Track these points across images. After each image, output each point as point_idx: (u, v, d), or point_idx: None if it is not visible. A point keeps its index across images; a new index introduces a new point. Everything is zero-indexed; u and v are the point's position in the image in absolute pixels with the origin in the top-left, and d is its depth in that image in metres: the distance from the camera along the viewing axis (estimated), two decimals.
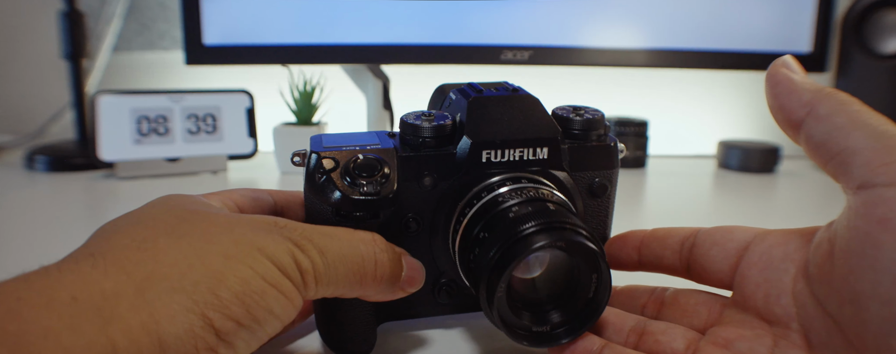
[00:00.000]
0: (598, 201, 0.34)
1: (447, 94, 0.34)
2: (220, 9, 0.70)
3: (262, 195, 0.32)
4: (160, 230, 0.23)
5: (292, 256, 0.24)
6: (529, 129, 0.31)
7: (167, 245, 0.22)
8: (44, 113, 0.96)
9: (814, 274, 0.25)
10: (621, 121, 0.84)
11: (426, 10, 0.72)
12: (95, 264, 0.21)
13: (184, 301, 0.21)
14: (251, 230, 0.24)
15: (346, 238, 0.26)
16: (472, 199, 0.30)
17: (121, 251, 0.22)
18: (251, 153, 0.77)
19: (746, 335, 0.27)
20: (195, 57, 0.71)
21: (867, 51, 0.80)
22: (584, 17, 0.74)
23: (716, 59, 0.75)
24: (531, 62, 0.74)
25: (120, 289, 0.20)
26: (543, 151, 0.31)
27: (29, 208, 0.62)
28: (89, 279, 0.20)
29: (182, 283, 0.21)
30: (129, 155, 0.71)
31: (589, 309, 0.28)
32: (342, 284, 0.26)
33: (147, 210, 0.26)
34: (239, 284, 0.22)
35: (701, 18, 0.74)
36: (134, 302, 0.20)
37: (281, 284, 0.23)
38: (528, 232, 0.26)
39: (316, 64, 0.74)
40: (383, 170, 0.29)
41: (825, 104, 0.25)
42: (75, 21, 0.79)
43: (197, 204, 0.27)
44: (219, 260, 0.22)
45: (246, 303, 0.22)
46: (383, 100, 0.82)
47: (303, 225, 0.26)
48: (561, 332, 0.28)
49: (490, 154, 0.30)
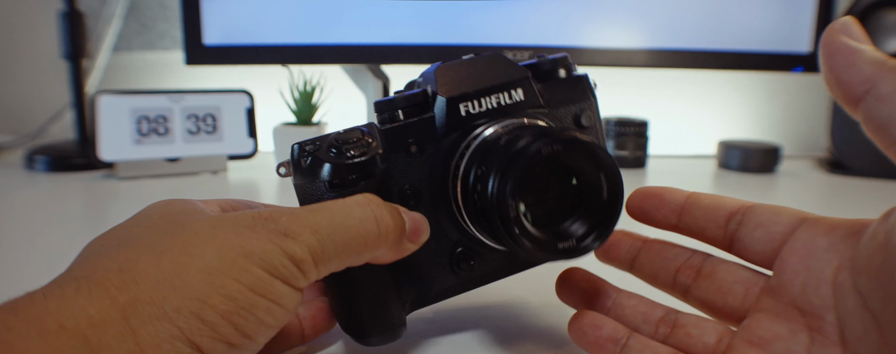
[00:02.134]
0: (586, 130, 0.34)
1: (415, 80, 0.34)
2: (220, 9, 0.70)
3: (257, 206, 0.32)
4: (142, 248, 0.22)
5: (282, 250, 0.23)
6: (499, 75, 0.31)
7: (148, 264, 0.21)
8: (44, 113, 0.96)
9: (862, 266, 0.24)
10: (621, 121, 0.84)
11: (426, 10, 0.72)
12: (79, 288, 0.20)
13: (168, 329, 0.20)
14: (235, 233, 0.23)
15: (337, 207, 0.25)
16: (462, 153, 0.30)
17: (103, 273, 0.21)
18: (251, 153, 0.77)
19: (782, 333, 0.26)
20: (195, 57, 0.71)
21: None
22: (584, 17, 0.74)
23: (716, 59, 0.75)
24: None
25: (105, 316, 0.19)
26: (518, 93, 0.31)
27: (29, 208, 0.62)
28: (74, 305, 0.19)
29: (165, 310, 0.20)
30: (129, 155, 0.71)
31: (608, 210, 0.28)
32: (347, 253, 0.25)
33: (133, 224, 0.25)
34: (224, 303, 0.21)
35: (701, 18, 0.74)
36: (120, 330, 0.19)
37: (271, 291, 0.22)
38: (520, 146, 0.27)
39: (316, 64, 0.74)
40: (365, 137, 0.29)
41: (889, 81, 0.23)
42: (75, 21, 0.79)
43: (184, 212, 0.26)
44: (201, 278, 0.21)
45: (234, 322, 0.21)
46: None
47: (288, 210, 0.25)
48: (589, 241, 0.28)
49: (467, 106, 0.30)
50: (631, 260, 0.32)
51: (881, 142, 0.23)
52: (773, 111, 1.02)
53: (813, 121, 1.00)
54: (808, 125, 1.01)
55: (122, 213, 0.26)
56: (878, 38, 0.80)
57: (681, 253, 0.31)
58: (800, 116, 1.02)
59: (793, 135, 1.02)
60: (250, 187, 0.71)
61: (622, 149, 0.83)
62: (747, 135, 1.02)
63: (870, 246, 0.24)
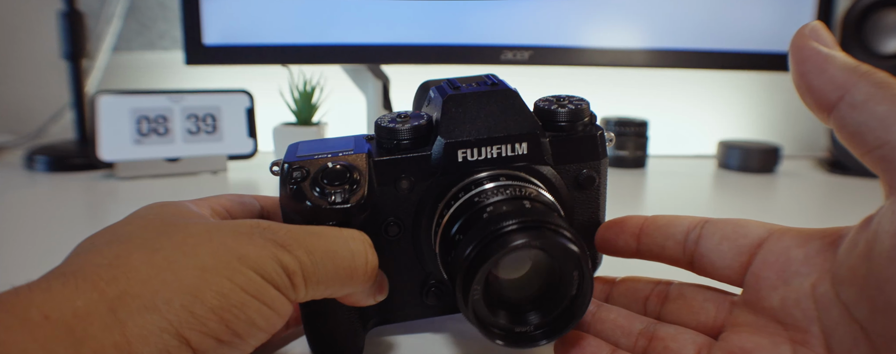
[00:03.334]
0: (586, 193, 0.33)
1: (428, 92, 0.33)
2: (220, 9, 0.70)
3: (249, 200, 0.32)
4: (135, 245, 0.22)
5: (277, 260, 0.23)
6: (506, 125, 0.30)
7: (140, 260, 0.21)
8: (44, 113, 0.96)
9: (844, 277, 0.23)
10: (621, 121, 0.84)
11: (426, 10, 0.72)
12: (66, 282, 0.20)
13: (157, 321, 0.20)
14: (231, 237, 0.23)
15: (333, 235, 0.25)
16: (450, 200, 0.29)
17: (93, 268, 0.21)
18: (251, 153, 0.77)
19: (763, 344, 0.25)
20: (195, 57, 0.71)
21: (867, 51, 0.80)
22: (584, 17, 0.74)
23: (716, 59, 0.75)
24: (531, 62, 0.74)
25: (92, 308, 0.19)
26: (523, 147, 0.30)
27: (29, 208, 0.62)
28: (60, 297, 0.19)
29: (154, 301, 0.20)
30: (128, 155, 0.71)
31: (570, 311, 0.27)
32: (332, 282, 0.25)
33: (126, 223, 0.25)
34: (216, 298, 0.21)
35: (701, 18, 0.74)
36: (106, 322, 0.19)
37: (264, 294, 0.22)
38: (503, 231, 0.26)
39: (316, 64, 0.74)
40: (353, 176, 0.28)
41: (862, 88, 0.22)
42: (75, 21, 0.79)
43: (178, 215, 0.26)
44: (194, 273, 0.21)
45: (225, 319, 0.21)
46: (383, 100, 0.82)
47: (287, 226, 0.25)
48: (539, 334, 0.27)
49: (466, 153, 0.29)
50: (604, 299, 0.32)
51: (856, 150, 0.23)
52: (773, 111, 1.02)
53: (813, 121, 1.00)
54: (808, 125, 1.01)
55: (122, 213, 0.27)
56: (878, 38, 0.80)
57: (648, 284, 0.31)
58: (800, 116, 1.02)
59: (793, 135, 1.02)
60: (250, 187, 0.71)
61: (622, 149, 0.83)
62: (747, 135, 1.02)
63: (851, 255, 0.23)
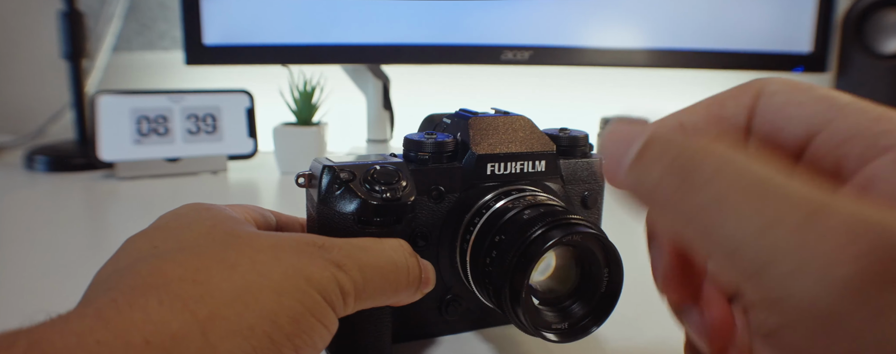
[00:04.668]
0: (589, 212, 0.36)
1: (439, 122, 0.36)
2: (220, 9, 0.70)
3: (268, 214, 0.32)
4: (209, 258, 0.23)
5: (336, 281, 0.24)
6: (528, 144, 0.33)
7: (220, 278, 0.22)
8: (44, 113, 0.96)
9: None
10: (621, 121, 0.84)
11: (426, 10, 0.72)
12: (161, 301, 0.20)
13: (243, 346, 0.21)
14: (296, 255, 0.24)
15: (377, 248, 0.26)
16: (480, 210, 0.31)
17: (178, 284, 0.21)
18: (251, 153, 0.77)
19: None
20: (195, 57, 0.71)
21: (867, 51, 0.80)
22: (584, 17, 0.74)
23: (716, 59, 0.75)
24: (531, 62, 0.74)
25: (187, 331, 0.20)
26: (541, 164, 0.33)
27: (29, 208, 0.62)
28: (157, 319, 0.20)
29: (240, 326, 0.21)
30: (128, 155, 0.71)
31: (609, 293, 0.30)
32: (378, 296, 0.26)
33: (184, 227, 0.25)
34: (290, 324, 0.22)
35: (701, 18, 0.74)
36: (199, 345, 0.20)
37: (326, 317, 0.23)
38: (541, 230, 0.28)
39: (316, 64, 0.74)
40: (400, 178, 0.30)
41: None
42: (75, 21, 0.79)
43: (232, 223, 0.26)
44: (271, 297, 0.22)
45: (296, 344, 0.22)
46: (383, 100, 0.82)
47: (340, 242, 0.25)
48: (588, 322, 0.29)
49: (494, 167, 0.32)
50: None
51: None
52: None
53: None
54: None
55: (122, 213, 0.27)
56: (879, 37, 0.80)
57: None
58: None
59: None
60: (250, 187, 0.71)
61: None
62: None
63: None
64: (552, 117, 0.39)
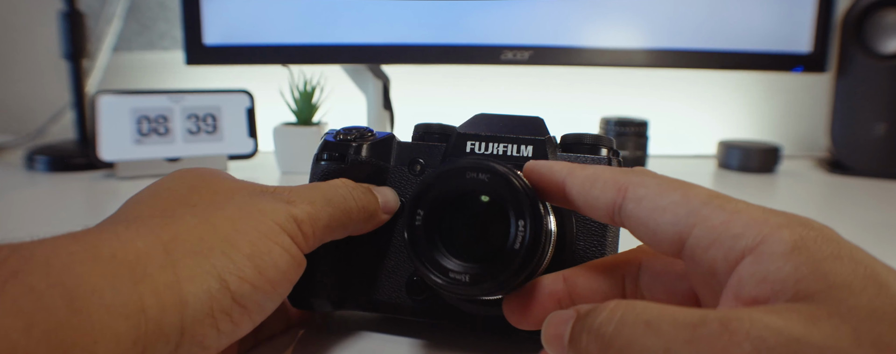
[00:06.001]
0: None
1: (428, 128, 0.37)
2: (220, 9, 0.70)
3: None
4: (175, 200, 0.26)
5: (288, 212, 0.27)
6: (520, 129, 0.32)
7: (183, 213, 0.25)
8: (44, 113, 0.96)
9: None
10: (621, 121, 0.84)
11: (426, 10, 0.72)
12: (129, 227, 0.23)
13: (203, 264, 0.23)
14: (249, 196, 0.27)
15: (322, 185, 0.30)
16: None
17: (148, 218, 0.25)
18: (251, 153, 0.77)
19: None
20: (195, 57, 0.71)
21: (867, 51, 0.80)
22: (584, 17, 0.74)
23: (716, 59, 0.75)
24: (531, 62, 0.74)
25: (150, 249, 0.23)
26: (528, 149, 0.31)
27: (29, 208, 0.62)
28: (124, 239, 0.23)
29: (200, 247, 0.24)
30: (129, 155, 0.71)
31: (508, 260, 0.26)
32: (333, 224, 0.29)
33: (163, 183, 0.29)
34: (248, 246, 0.25)
35: (701, 18, 0.74)
36: (161, 262, 0.22)
37: (283, 240, 0.26)
38: (456, 164, 0.28)
39: (316, 64, 0.74)
40: (371, 136, 0.34)
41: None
42: (75, 21, 0.79)
43: (205, 175, 0.30)
44: (227, 224, 0.25)
45: (256, 264, 0.24)
46: (383, 100, 0.82)
47: (287, 187, 0.29)
48: (468, 279, 0.27)
49: (474, 145, 0.32)
50: None
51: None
52: (773, 111, 1.02)
53: (813, 121, 1.00)
54: (808, 125, 1.01)
55: None
56: (878, 37, 0.80)
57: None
58: (800, 116, 1.02)
59: (793, 135, 1.02)
60: None
61: (622, 149, 0.83)
62: (747, 135, 1.02)
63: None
64: (552, 117, 0.38)
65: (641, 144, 0.84)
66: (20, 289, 0.19)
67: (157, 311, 0.21)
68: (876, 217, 0.62)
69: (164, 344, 0.22)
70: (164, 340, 0.22)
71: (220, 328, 0.23)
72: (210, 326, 0.23)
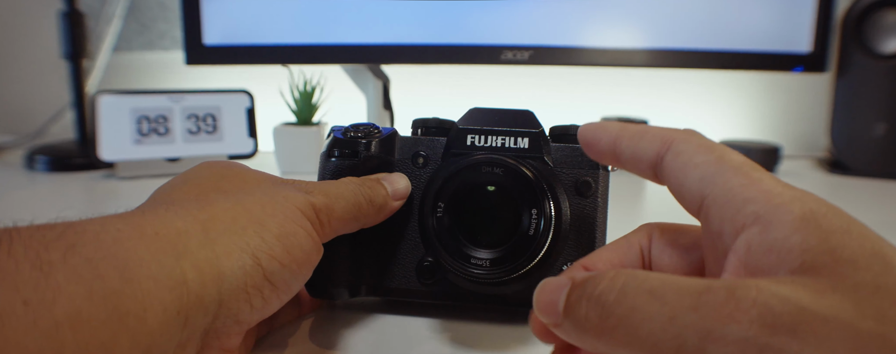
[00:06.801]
0: (586, 201, 0.34)
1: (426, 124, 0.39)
2: (220, 9, 0.70)
3: None
4: (208, 187, 0.29)
5: (307, 200, 0.29)
6: (515, 122, 0.34)
7: (216, 197, 0.27)
8: (44, 113, 0.96)
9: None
10: (621, 120, 0.84)
11: (426, 10, 0.72)
12: (169, 208, 0.25)
13: (238, 242, 0.25)
14: (272, 185, 0.30)
15: (335, 183, 0.32)
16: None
17: (184, 201, 0.27)
18: (251, 153, 0.77)
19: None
20: (195, 57, 0.71)
21: (867, 51, 0.80)
22: (584, 17, 0.74)
23: (716, 59, 0.75)
24: (531, 62, 0.74)
25: (189, 228, 0.24)
26: (524, 141, 0.34)
27: (29, 208, 0.62)
28: (165, 219, 0.24)
29: (235, 227, 0.26)
30: (129, 155, 0.71)
31: (521, 249, 0.31)
32: (346, 218, 0.31)
33: (192, 173, 0.31)
34: (277, 227, 0.27)
35: (701, 18, 0.74)
36: (200, 240, 0.24)
37: (305, 224, 0.28)
38: (471, 160, 0.31)
39: (316, 64, 0.74)
40: (378, 133, 0.35)
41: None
42: (75, 21, 0.79)
43: (232, 166, 0.32)
44: (257, 207, 0.27)
45: (284, 244, 0.26)
46: (383, 100, 0.82)
47: (303, 180, 0.31)
48: (501, 266, 0.31)
49: (474, 138, 0.34)
50: None
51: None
52: (773, 111, 1.02)
53: (813, 121, 1.00)
54: (808, 125, 1.01)
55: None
56: (878, 37, 0.80)
57: None
58: (800, 116, 1.02)
59: (793, 135, 1.02)
60: None
61: None
62: (747, 135, 1.02)
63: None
64: (552, 117, 0.38)
65: None
66: (78, 259, 0.21)
67: (198, 284, 0.23)
68: (876, 217, 0.62)
69: (203, 315, 0.24)
70: (204, 311, 0.24)
71: (253, 303, 0.25)
72: (244, 301, 0.25)
